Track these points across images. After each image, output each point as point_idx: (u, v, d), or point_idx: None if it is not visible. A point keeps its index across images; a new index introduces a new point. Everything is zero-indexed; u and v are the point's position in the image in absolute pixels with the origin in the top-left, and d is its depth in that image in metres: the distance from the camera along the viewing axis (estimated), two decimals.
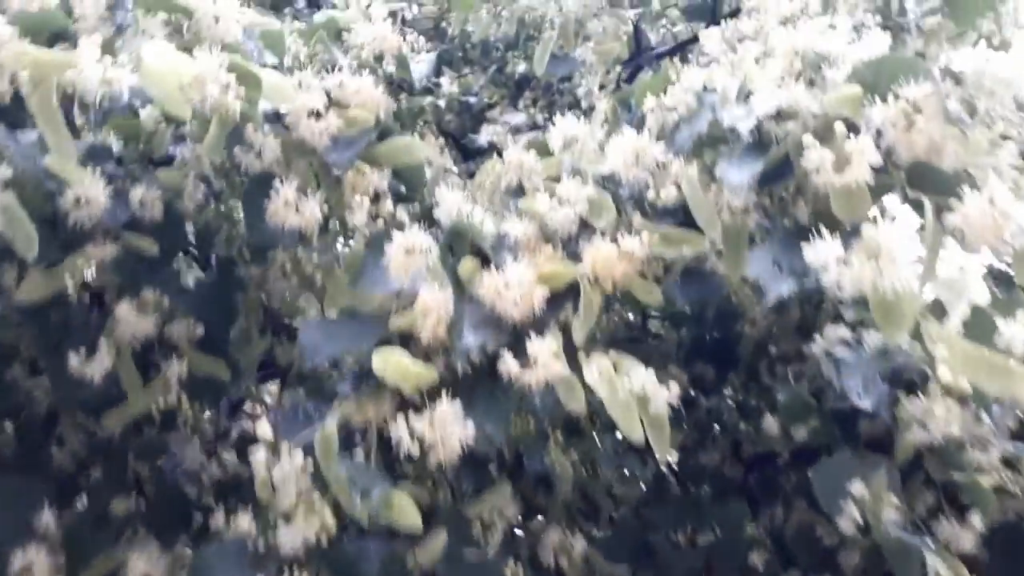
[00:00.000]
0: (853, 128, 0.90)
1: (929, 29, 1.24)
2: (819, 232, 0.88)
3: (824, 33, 1.04)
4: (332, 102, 1.15)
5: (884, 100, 0.88)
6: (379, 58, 1.27)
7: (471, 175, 2.11)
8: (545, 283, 1.01)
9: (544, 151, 1.19)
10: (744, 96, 1.02)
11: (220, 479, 1.39)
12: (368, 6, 1.34)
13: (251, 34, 1.09)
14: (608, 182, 1.10)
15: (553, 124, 2.23)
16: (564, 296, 1.03)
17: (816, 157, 0.83)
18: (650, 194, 1.04)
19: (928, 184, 0.88)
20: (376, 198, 1.13)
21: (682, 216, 1.05)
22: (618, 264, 1.00)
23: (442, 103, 2.56)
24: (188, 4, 0.99)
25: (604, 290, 1.01)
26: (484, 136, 2.17)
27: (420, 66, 1.39)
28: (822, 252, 0.77)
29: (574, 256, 1.05)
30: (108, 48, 0.96)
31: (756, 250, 0.91)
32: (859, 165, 0.82)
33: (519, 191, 1.21)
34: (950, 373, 1.06)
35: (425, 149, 1.19)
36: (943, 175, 0.87)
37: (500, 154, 2.18)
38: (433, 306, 0.95)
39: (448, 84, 2.55)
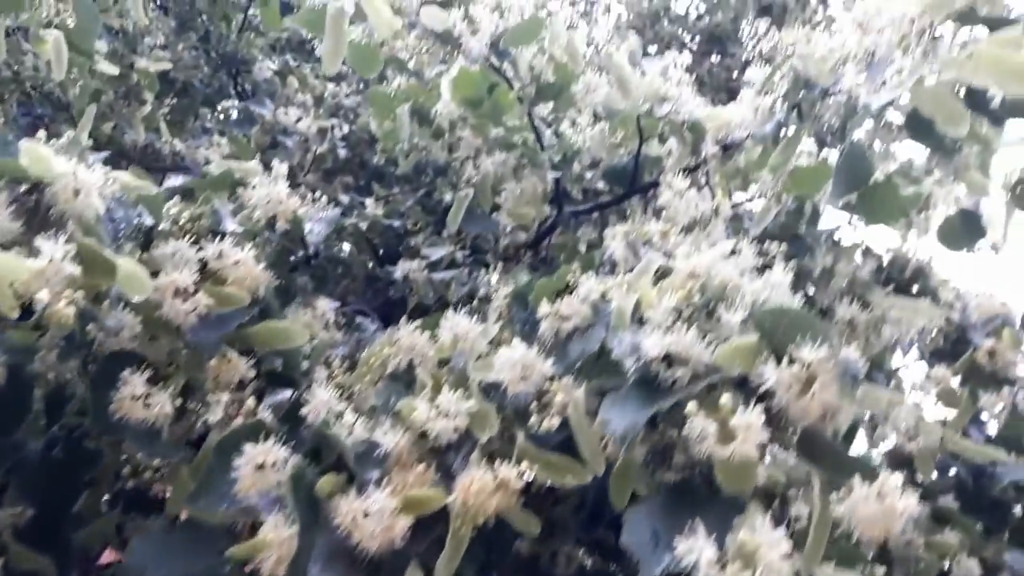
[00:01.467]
0: (744, 384, 0.84)
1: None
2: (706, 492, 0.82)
3: (726, 259, 1.00)
4: (208, 274, 1.06)
5: (780, 355, 0.83)
6: (271, 222, 1.19)
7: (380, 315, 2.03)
8: (410, 510, 0.91)
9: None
10: (638, 320, 0.96)
11: None
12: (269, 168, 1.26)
13: (123, 202, 0.99)
14: (495, 390, 1.03)
15: (472, 264, 2.16)
16: (432, 524, 0.94)
17: (699, 426, 0.77)
18: (534, 419, 0.96)
19: (819, 455, 0.83)
20: (241, 387, 1.03)
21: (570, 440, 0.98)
22: (493, 496, 0.91)
23: (364, 225, 2.49)
24: (44, 172, 0.90)
25: (476, 521, 0.92)
26: (399, 270, 2.09)
27: (318, 226, 1.30)
28: (695, 551, 0.69)
29: (450, 475, 0.96)
30: None
31: (637, 509, 0.83)
32: (746, 442, 0.76)
33: (407, 375, 1.13)
34: None
35: (304, 334, 1.09)
36: (835, 449, 0.82)
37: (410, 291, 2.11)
38: (275, 543, 0.85)
39: (372, 206, 2.48)
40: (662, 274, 1.05)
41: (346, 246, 2.33)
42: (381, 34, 1.34)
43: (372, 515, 0.88)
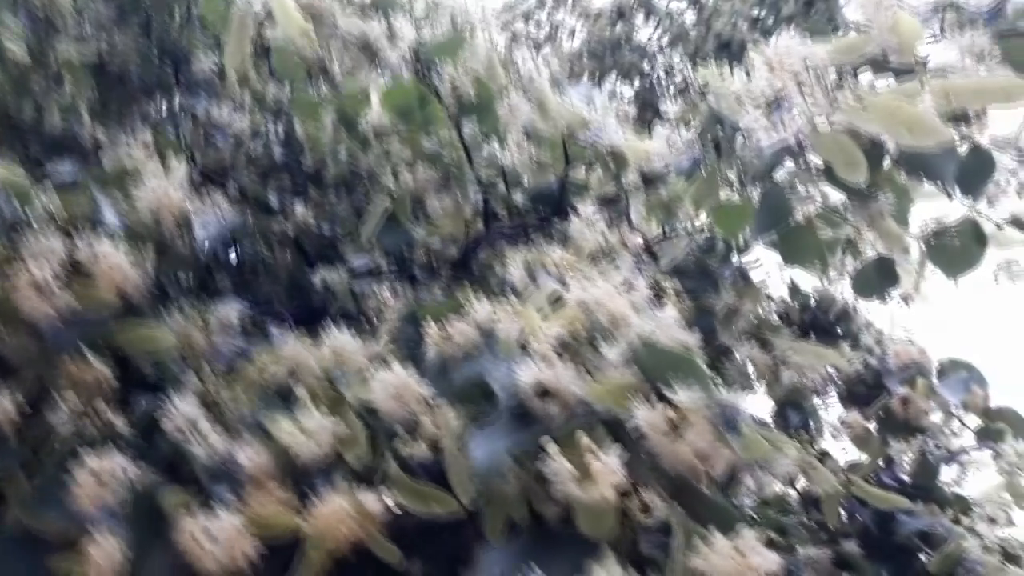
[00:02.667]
0: (617, 424, 0.81)
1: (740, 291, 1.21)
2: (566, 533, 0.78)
3: (621, 292, 0.97)
4: (77, 270, 1.00)
5: (658, 395, 0.80)
6: (156, 219, 1.13)
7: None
8: (261, 532, 0.86)
9: None
10: (523, 349, 0.92)
11: None
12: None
13: None
14: (371, 412, 0.98)
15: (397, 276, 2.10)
16: (285, 550, 0.88)
17: (557, 468, 0.73)
18: (407, 448, 0.92)
19: (687, 503, 0.79)
20: (98, 391, 0.97)
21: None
22: (350, 522, 0.86)
23: (289, 229, 2.42)
24: None
25: (330, 548, 0.87)
26: (318, 277, 2.03)
27: (210, 229, 1.24)
28: None
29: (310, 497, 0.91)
30: None
31: (490, 549, 0.79)
32: (604, 486, 0.72)
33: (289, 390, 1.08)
34: None
35: (171, 339, 1.03)
36: (704, 498, 0.78)
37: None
38: (101, 559, 0.79)
39: (303, 210, 2.41)
40: (556, 302, 1.02)
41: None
42: (288, 35, 1.29)
43: (215, 535, 0.82)
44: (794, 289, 2.08)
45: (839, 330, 2.03)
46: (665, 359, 0.82)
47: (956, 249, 1.33)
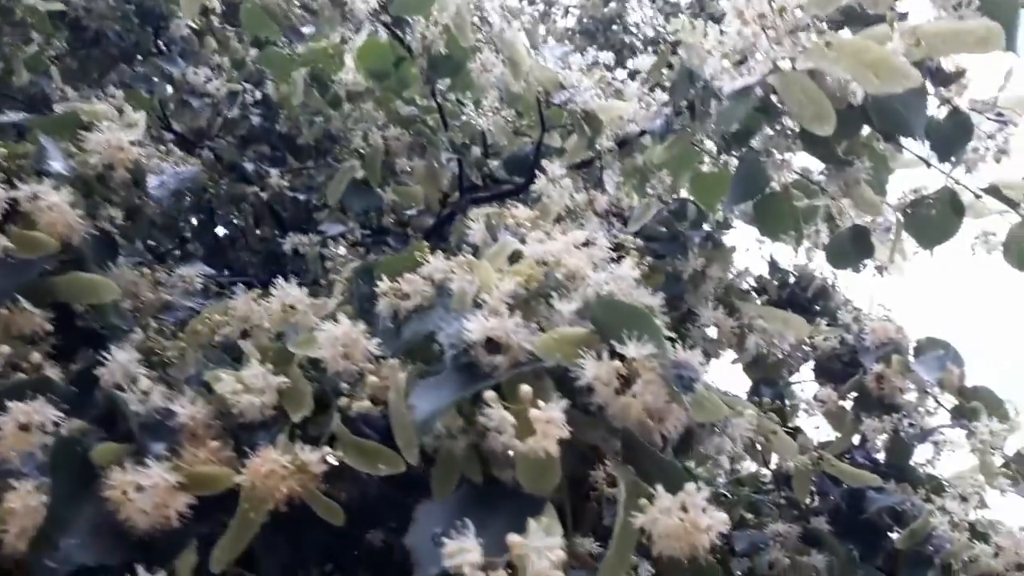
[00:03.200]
0: (566, 379, 0.77)
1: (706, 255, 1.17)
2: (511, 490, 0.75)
3: (577, 249, 0.93)
4: (17, 216, 0.96)
5: (610, 350, 0.76)
6: (109, 167, 1.09)
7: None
8: (193, 488, 0.82)
9: None
10: (476, 304, 0.89)
11: None
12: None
13: None
14: (317, 368, 0.95)
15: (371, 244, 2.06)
16: (221, 506, 0.85)
17: (496, 416, 0.69)
18: (354, 405, 0.88)
19: (636, 460, 0.76)
20: (32, 342, 0.93)
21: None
22: (287, 479, 0.83)
23: (266, 195, 2.39)
24: None
25: (267, 506, 0.84)
26: (288, 243, 1.99)
27: (168, 181, 1.20)
28: (461, 552, 0.62)
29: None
30: None
31: (428, 507, 0.75)
32: (546, 437, 0.68)
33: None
34: None
35: (113, 290, 0.99)
36: (653, 456, 0.75)
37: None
38: (21, 512, 0.75)
39: (277, 177, 2.38)
40: (514, 258, 0.99)
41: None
42: None
43: (145, 489, 0.79)
44: (773, 265, 2.05)
45: (817, 307, 2.00)
46: (619, 313, 0.78)
47: (933, 219, 1.30)
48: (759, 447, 1.17)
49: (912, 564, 1.46)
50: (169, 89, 2.45)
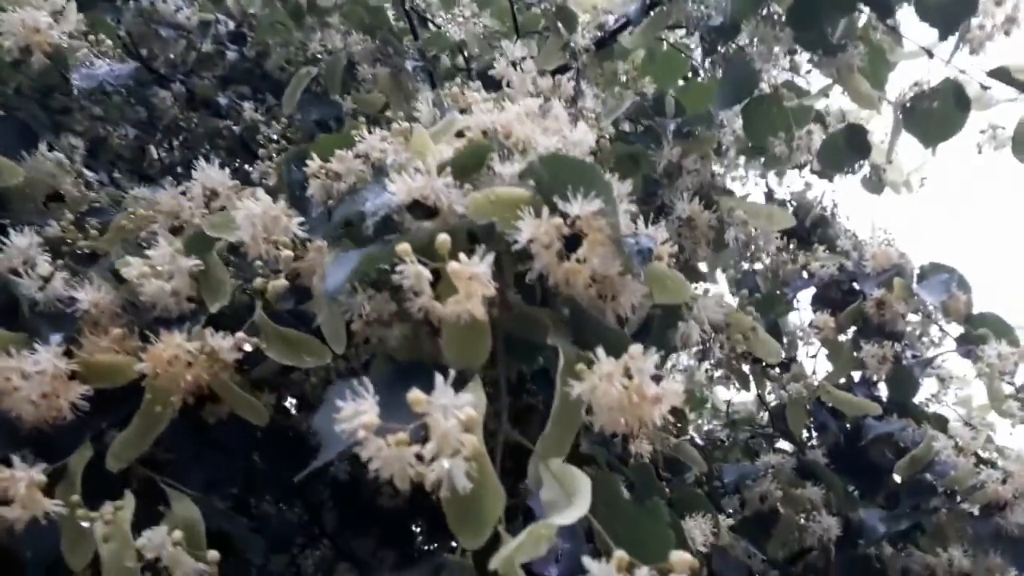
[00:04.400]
0: (500, 242, 0.67)
1: (691, 142, 1.06)
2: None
3: (530, 119, 0.83)
4: None
5: (552, 209, 0.66)
6: (25, 51, 0.99)
7: None
8: (92, 378, 0.73)
9: None
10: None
11: None
12: None
13: None
14: (238, 254, 0.85)
15: None
16: (124, 399, 0.76)
17: (410, 273, 0.59)
18: (271, 282, 0.78)
19: (581, 332, 0.66)
20: None
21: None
22: (195, 367, 0.73)
23: (238, 129, 2.28)
24: None
25: (171, 397, 0.74)
26: (256, 172, 1.88)
27: (97, 74, 1.10)
28: (355, 416, 0.52)
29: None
30: None
31: (339, 387, 0.65)
32: (470, 297, 0.59)
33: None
34: None
35: (16, 173, 0.90)
36: (598, 326, 0.65)
37: None
38: None
39: (250, 110, 2.27)
40: (461, 135, 0.88)
41: None
42: None
43: (31, 376, 0.70)
44: (769, 194, 1.94)
45: (815, 236, 1.89)
46: (564, 168, 0.68)
47: (935, 113, 1.19)
48: (736, 357, 1.06)
49: (914, 493, 1.37)
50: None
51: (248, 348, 0.76)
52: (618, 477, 0.60)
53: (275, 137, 1.29)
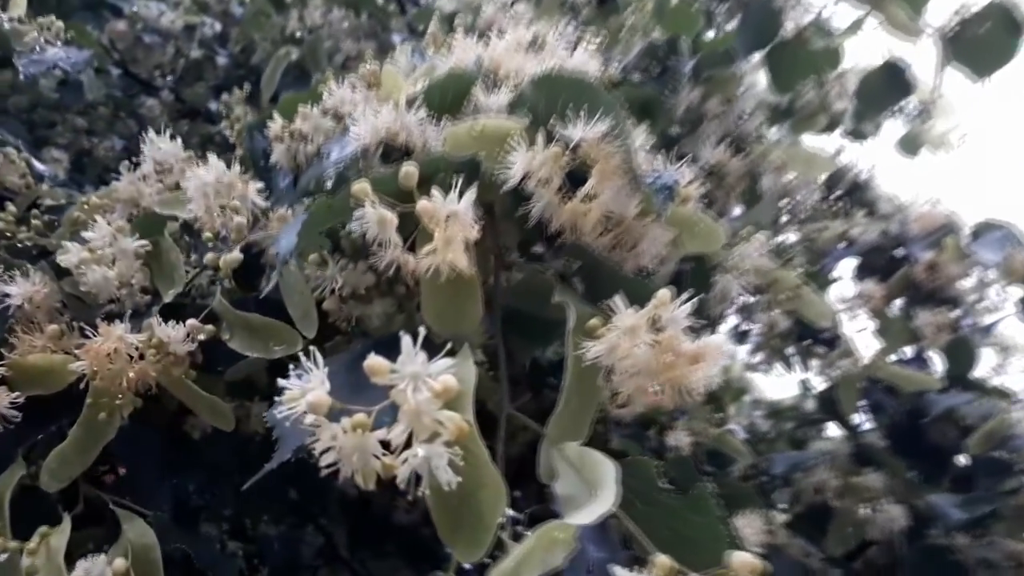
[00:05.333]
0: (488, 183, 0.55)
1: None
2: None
3: (524, 50, 0.70)
4: None
5: (549, 138, 0.54)
6: None
7: None
8: (24, 384, 0.62)
9: None
10: None
11: None
12: None
13: None
14: (190, 231, 0.73)
15: None
16: (64, 407, 0.64)
17: (370, 217, 0.47)
18: (224, 256, 0.66)
19: (590, 281, 0.54)
20: None
21: None
22: (144, 363, 0.61)
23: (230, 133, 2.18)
24: None
25: (115, 399, 0.62)
26: None
27: (46, 60, 0.99)
28: (303, 398, 0.40)
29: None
30: None
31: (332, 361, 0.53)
32: (448, 244, 0.46)
33: None
34: None
35: None
36: (612, 273, 0.53)
37: None
38: None
39: (243, 114, 2.17)
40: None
41: None
42: None
43: None
44: None
45: (853, 202, 1.75)
46: (561, 88, 0.55)
47: (983, 41, 1.05)
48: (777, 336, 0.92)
49: (988, 474, 1.22)
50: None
51: (202, 337, 0.64)
52: (654, 462, 0.46)
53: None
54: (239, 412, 0.93)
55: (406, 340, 0.39)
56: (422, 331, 0.39)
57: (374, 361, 0.38)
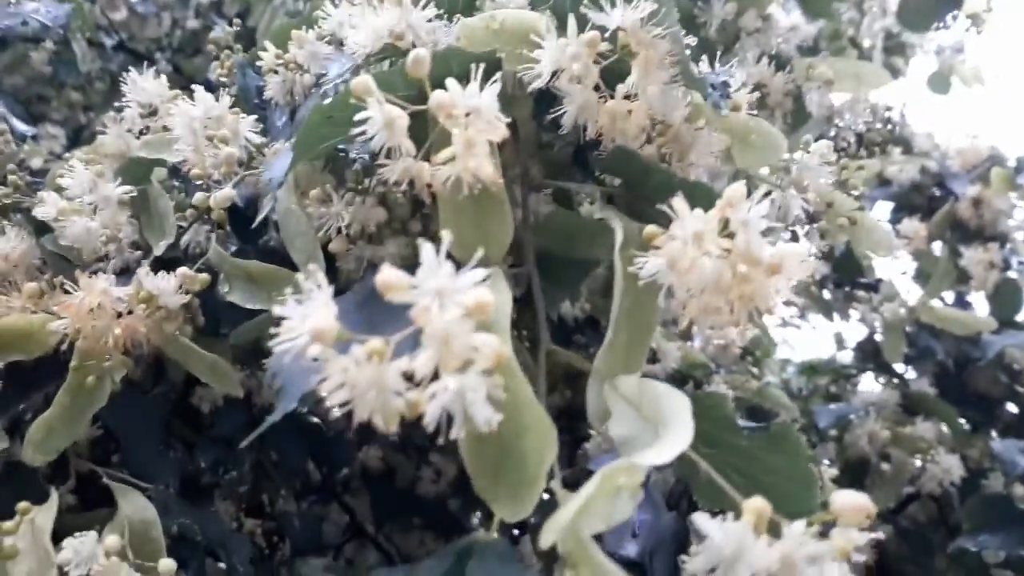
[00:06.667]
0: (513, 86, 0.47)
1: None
2: None
3: None
4: None
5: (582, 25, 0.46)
6: None
7: None
8: (2, 348, 0.55)
9: None
10: None
11: None
12: None
13: None
14: (180, 176, 0.66)
15: None
16: (48, 369, 0.57)
17: (380, 120, 0.39)
18: (214, 196, 0.59)
19: (635, 187, 0.46)
20: None
21: None
22: (133, 319, 0.55)
23: (221, 71, 2.11)
24: None
25: (99, 359, 0.55)
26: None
27: (22, 9, 0.92)
28: (298, 331, 0.33)
29: None
30: None
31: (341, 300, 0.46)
32: (470, 148, 0.38)
33: None
34: None
35: None
36: (683, 183, 0.45)
37: None
38: None
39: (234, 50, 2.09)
40: None
41: None
42: None
43: None
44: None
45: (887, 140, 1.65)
46: None
47: None
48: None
49: None
50: None
51: (196, 287, 0.57)
52: (728, 398, 0.39)
53: None
54: (251, 383, 0.87)
55: (427, 248, 0.31)
56: (446, 237, 0.32)
57: (389, 274, 0.30)
